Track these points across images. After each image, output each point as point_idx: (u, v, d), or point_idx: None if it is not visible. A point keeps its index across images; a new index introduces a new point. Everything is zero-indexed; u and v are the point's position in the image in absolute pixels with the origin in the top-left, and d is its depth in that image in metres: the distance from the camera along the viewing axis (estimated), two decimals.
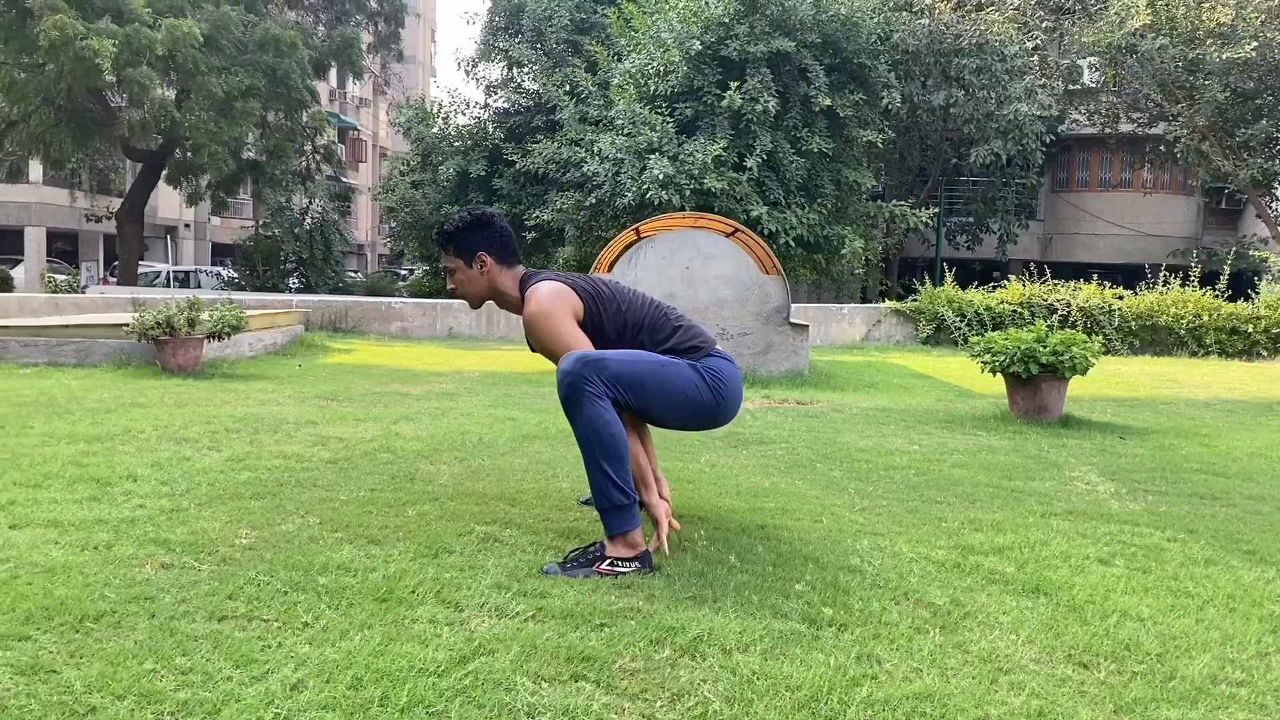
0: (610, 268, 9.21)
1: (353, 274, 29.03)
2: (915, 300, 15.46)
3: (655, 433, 5.47)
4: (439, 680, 2.21)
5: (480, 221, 3.30)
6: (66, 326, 8.71)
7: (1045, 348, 6.51)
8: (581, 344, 3.14)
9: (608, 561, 2.99)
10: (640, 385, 3.09)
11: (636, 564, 3.01)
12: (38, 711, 2.02)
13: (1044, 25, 21.02)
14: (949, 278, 15.93)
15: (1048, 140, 20.73)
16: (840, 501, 4.09)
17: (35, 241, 27.57)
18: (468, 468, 4.55)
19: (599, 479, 3.01)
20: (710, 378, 3.22)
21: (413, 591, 2.77)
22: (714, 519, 3.69)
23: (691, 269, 8.76)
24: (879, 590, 2.94)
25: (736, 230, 9.30)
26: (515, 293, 3.32)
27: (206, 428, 5.34)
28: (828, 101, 16.05)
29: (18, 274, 25.58)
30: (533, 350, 3.33)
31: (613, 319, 3.25)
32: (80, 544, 3.12)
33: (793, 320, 8.91)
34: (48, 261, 27.82)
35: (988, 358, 6.67)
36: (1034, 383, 6.62)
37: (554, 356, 3.16)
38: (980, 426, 6.37)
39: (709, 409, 3.24)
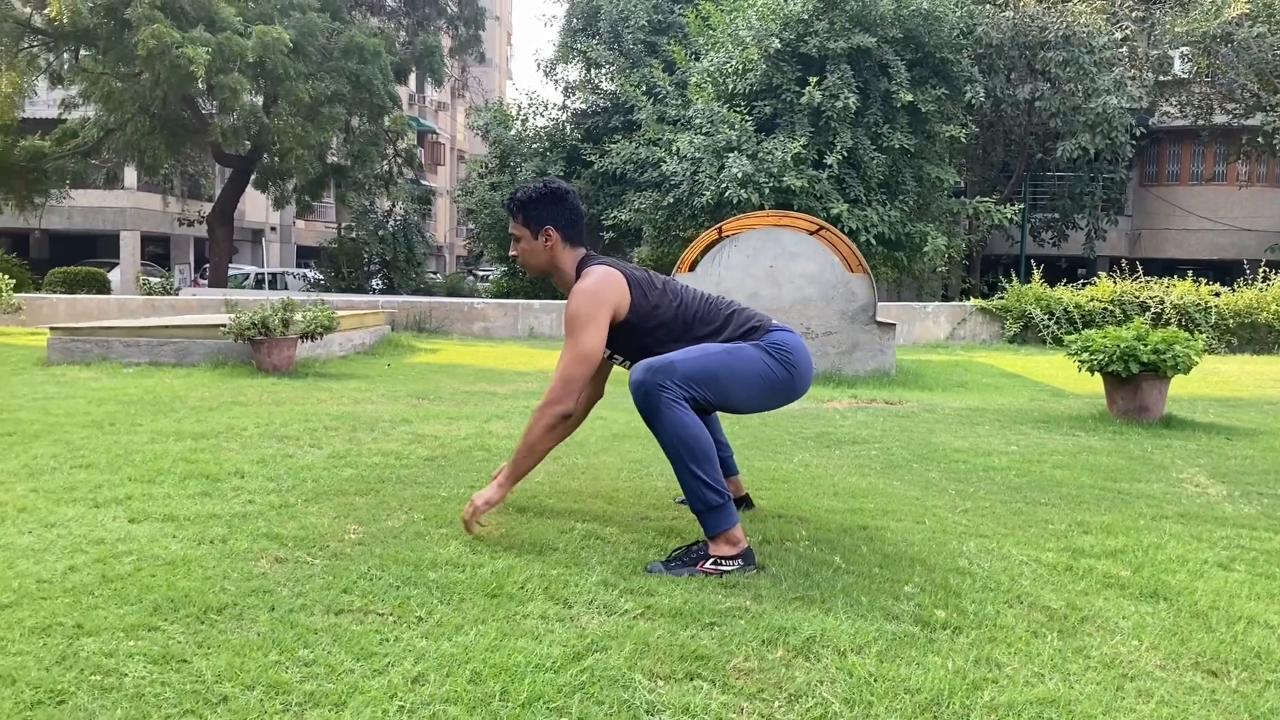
0: (693, 267, 9.19)
1: (432, 275, 29.45)
2: (1001, 298, 15.13)
3: (749, 433, 5.45)
4: (556, 676, 2.23)
5: (554, 196, 3.30)
6: (166, 327, 9.00)
7: (1146, 346, 6.31)
8: (593, 347, 3.14)
9: (711, 560, 2.99)
10: (713, 378, 3.08)
11: (739, 561, 2.99)
12: (173, 700, 2.08)
13: (1134, 15, 20.42)
14: (1036, 275, 15.54)
15: (1137, 133, 20.13)
16: (941, 503, 4.02)
17: (130, 245, 28.52)
18: (562, 466, 4.57)
19: (690, 482, 3.01)
20: (778, 353, 3.21)
21: (521, 587, 2.80)
22: (813, 519, 3.65)
23: (776, 267, 8.70)
24: (991, 593, 2.87)
25: (821, 228, 9.21)
26: (572, 272, 3.32)
27: (306, 425, 5.46)
28: (909, 97, 15.79)
29: (114, 276, 26.51)
30: None
31: (664, 310, 3.23)
32: (197, 538, 3.21)
33: (879, 319, 8.78)
34: (142, 264, 28.77)
35: (1085, 356, 6.49)
36: (1134, 382, 6.43)
37: (570, 331, 3.15)
38: (1078, 427, 6.20)
39: (784, 384, 3.24)
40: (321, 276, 25.46)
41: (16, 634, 2.37)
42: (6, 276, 15.24)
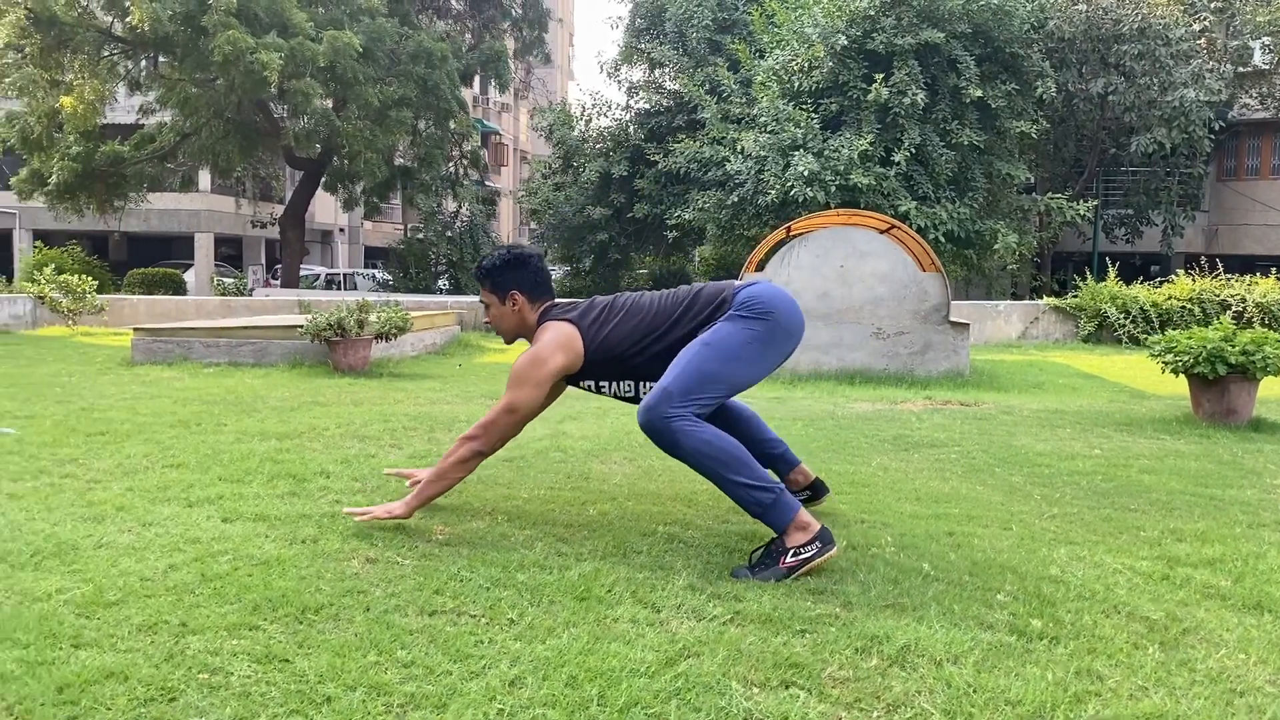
0: (760, 266, 9.15)
1: None
2: (1075, 297, 14.80)
3: (824, 436, 5.41)
4: (651, 681, 2.23)
5: (518, 261, 3.42)
6: (245, 328, 9.20)
7: (1234, 347, 6.13)
8: (528, 405, 3.27)
9: (790, 552, 2.97)
10: (709, 377, 3.09)
11: (818, 544, 2.97)
12: (279, 699, 2.12)
13: (1212, 6, 19.83)
14: (1111, 273, 15.16)
15: (1215, 127, 19.56)
16: (1027, 508, 3.94)
17: (204, 247, 29.23)
18: (638, 468, 4.58)
19: (737, 491, 3.03)
20: (750, 311, 3.19)
21: (609, 591, 2.81)
22: (897, 525, 3.61)
23: (846, 267, 8.61)
24: (1086, 602, 2.82)
25: (893, 226, 9.10)
26: (534, 326, 3.42)
27: (385, 426, 5.55)
28: (978, 93, 15.55)
29: (189, 277, 27.22)
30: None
31: (619, 333, 3.29)
32: (289, 538, 3.27)
33: (952, 319, 8.65)
34: (215, 265, 29.49)
35: (1169, 358, 6.33)
36: (1221, 384, 6.25)
37: (510, 384, 3.28)
38: (1163, 430, 6.04)
39: (772, 334, 3.21)
40: (390, 277, 25.86)
41: (125, 631, 2.44)
42: (89, 278, 15.73)
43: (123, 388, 7.19)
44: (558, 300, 3.56)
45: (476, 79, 27.24)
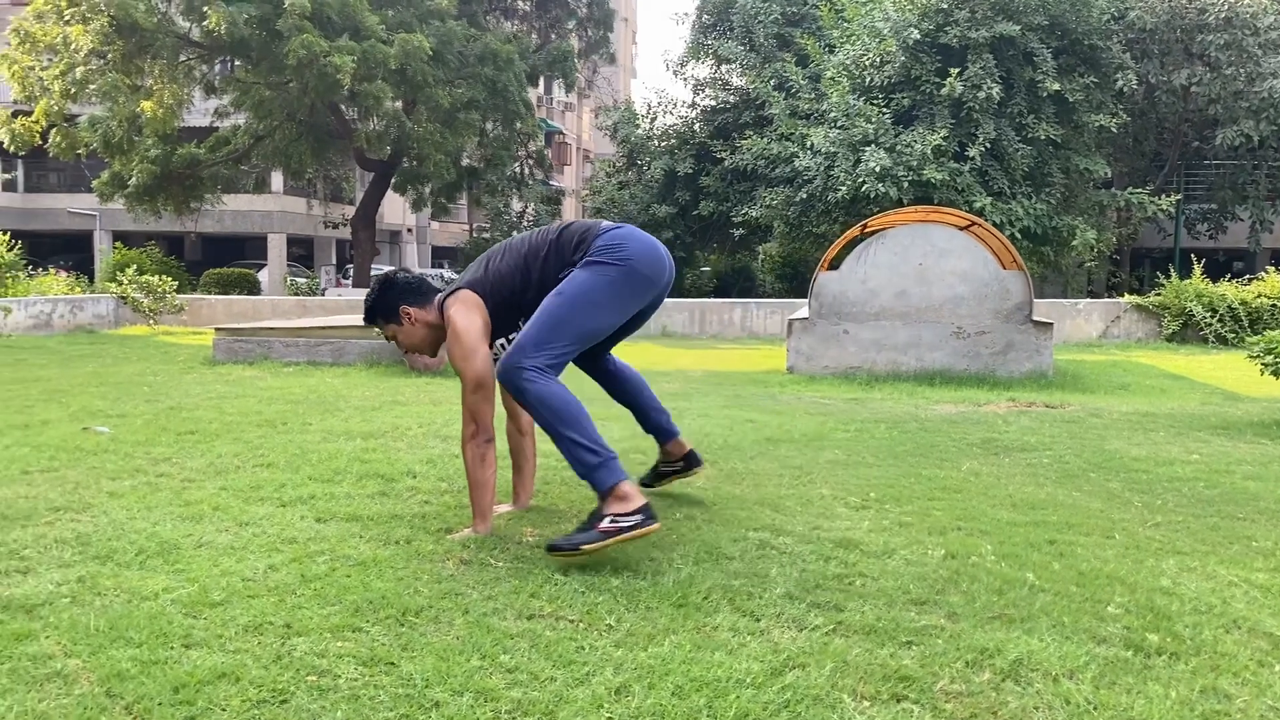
0: (835, 265, 9.03)
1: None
2: (1158, 294, 14.35)
3: (910, 439, 5.30)
4: (758, 693, 2.19)
5: (385, 285, 3.52)
6: (323, 328, 9.34)
7: None
8: (484, 373, 3.30)
9: (608, 518, 3.01)
10: (560, 324, 3.19)
11: (639, 516, 3.00)
12: (388, 703, 2.13)
13: None
14: (1196, 270, 14.67)
15: None
16: (1128, 516, 3.82)
17: (277, 247, 29.80)
18: (720, 471, 4.54)
19: (566, 447, 3.12)
20: (607, 256, 3.26)
21: (705, 598, 2.77)
22: (995, 532, 3.51)
23: (925, 265, 8.45)
24: (1204, 616, 2.71)
25: (973, 223, 8.91)
26: (441, 323, 3.45)
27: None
28: (1056, 86, 15.19)
29: (262, 277, 27.78)
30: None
31: (512, 279, 3.38)
32: (382, 538, 3.30)
33: (1035, 318, 8.44)
34: (288, 266, 30.07)
35: (1270, 359, 6.10)
36: None
37: (459, 370, 3.33)
38: (1263, 434, 5.82)
39: (630, 281, 3.28)
40: (457, 276, 26.12)
41: (232, 631, 2.47)
42: (169, 279, 16.13)
43: (207, 387, 7.34)
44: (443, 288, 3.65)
45: (541, 78, 27.37)
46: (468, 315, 3.33)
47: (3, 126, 18.21)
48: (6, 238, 14.80)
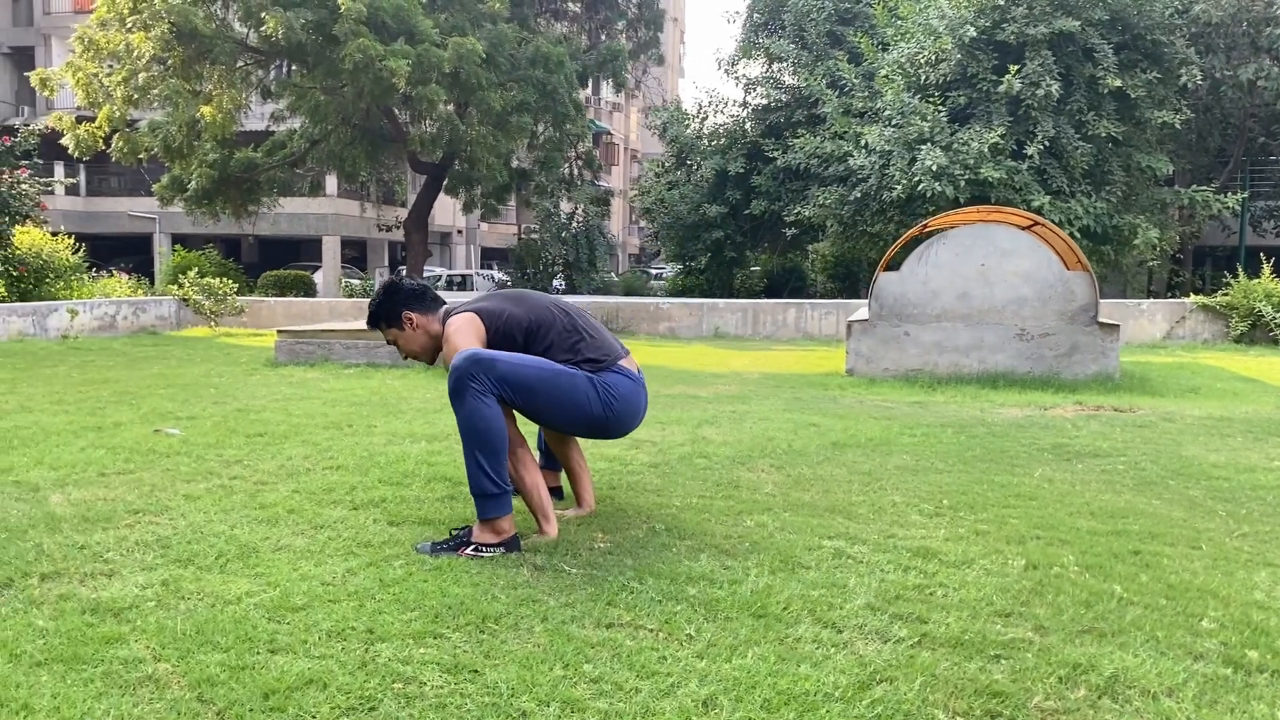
0: (893, 265, 8.92)
1: (607, 274, 29.95)
2: (1225, 294, 13.98)
3: (979, 444, 5.22)
4: (848, 707, 2.15)
5: (390, 290, 3.56)
6: None
7: None
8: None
9: (472, 547, 3.17)
10: (527, 389, 3.27)
11: (501, 549, 3.16)
12: (475, 712, 2.12)
13: None
14: (1266, 268, 14.26)
15: None
16: (1213, 526, 3.71)
17: (331, 250, 30.22)
18: (788, 477, 4.49)
19: (472, 466, 3.20)
20: (603, 391, 3.38)
21: (785, 608, 2.74)
22: (1075, 542, 3.43)
23: (987, 266, 8.31)
24: None
25: (1036, 223, 8.76)
26: (442, 332, 3.48)
27: (528, 430, 5.56)
28: (1117, 82, 14.89)
29: (316, 279, 28.16)
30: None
31: (518, 327, 3.42)
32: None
33: (1101, 319, 8.27)
34: (341, 268, 30.46)
35: None
36: None
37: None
38: None
39: (597, 420, 3.41)
40: (507, 277, 26.26)
41: (316, 637, 2.48)
42: (229, 281, 16.40)
43: (272, 389, 7.44)
44: (458, 303, 3.66)
45: (589, 79, 27.45)
46: (460, 334, 3.35)
47: (68, 132, 18.62)
48: (71, 241, 15.13)
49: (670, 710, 2.13)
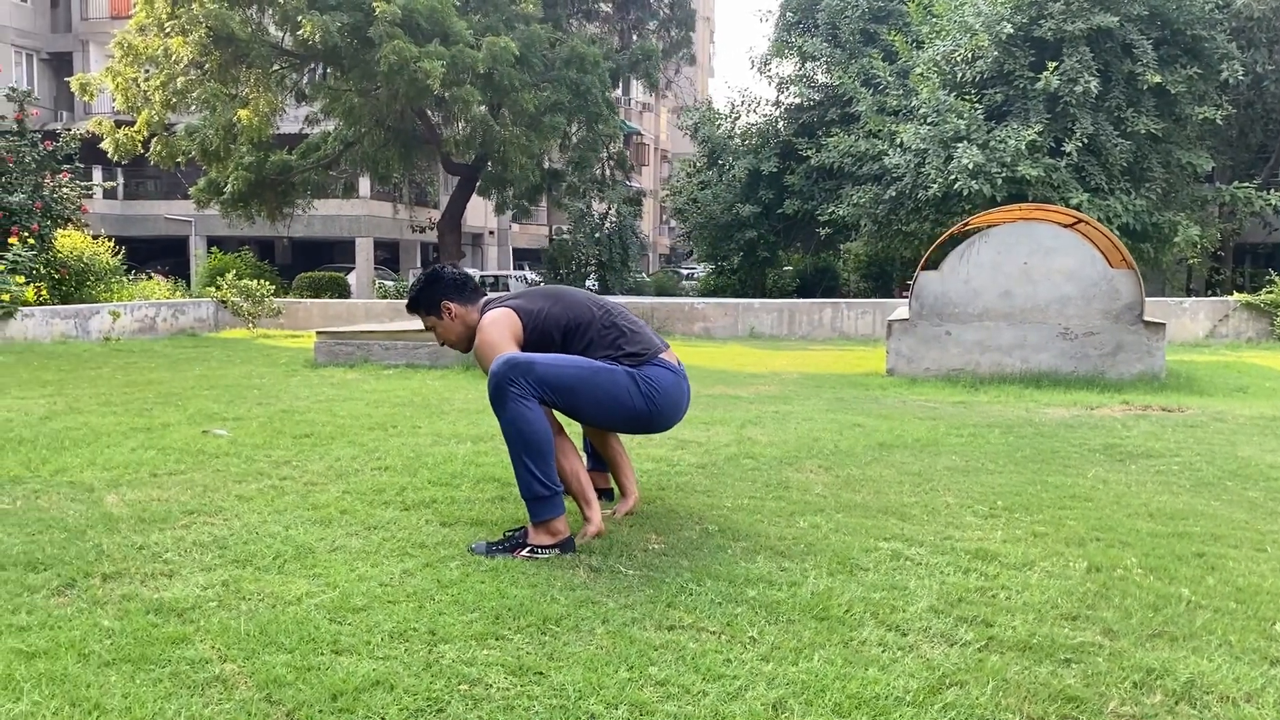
0: (932, 264, 8.84)
1: (638, 274, 29.96)
2: (1270, 292, 13.78)
3: (1028, 445, 5.15)
4: (920, 712, 2.12)
5: (432, 278, 3.55)
6: (421, 330, 9.44)
7: None
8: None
9: (528, 549, 3.16)
10: (568, 389, 3.26)
11: (556, 550, 3.17)
12: (543, 715, 2.11)
13: None
14: None
15: None
16: (1276, 528, 3.64)
17: (364, 251, 30.41)
18: (837, 477, 4.45)
19: (521, 471, 3.21)
20: (645, 385, 3.37)
21: (848, 611, 2.71)
22: (1136, 544, 3.38)
23: (1030, 264, 8.22)
24: None
25: (1079, 220, 8.65)
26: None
27: (572, 430, 5.56)
28: (1156, 78, 14.72)
29: (350, 280, 28.35)
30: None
31: (556, 326, 3.41)
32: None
33: (1146, 318, 8.15)
34: (375, 269, 30.65)
35: None
36: None
37: (486, 365, 3.33)
38: None
39: (640, 414, 3.39)
40: (540, 278, 26.33)
41: (379, 638, 2.48)
42: (266, 283, 16.54)
43: (314, 390, 7.48)
44: (498, 294, 3.64)
45: (620, 79, 27.46)
46: (494, 327, 3.34)
47: (107, 136, 18.86)
48: (110, 244, 15.31)
49: (740, 714, 2.11)
